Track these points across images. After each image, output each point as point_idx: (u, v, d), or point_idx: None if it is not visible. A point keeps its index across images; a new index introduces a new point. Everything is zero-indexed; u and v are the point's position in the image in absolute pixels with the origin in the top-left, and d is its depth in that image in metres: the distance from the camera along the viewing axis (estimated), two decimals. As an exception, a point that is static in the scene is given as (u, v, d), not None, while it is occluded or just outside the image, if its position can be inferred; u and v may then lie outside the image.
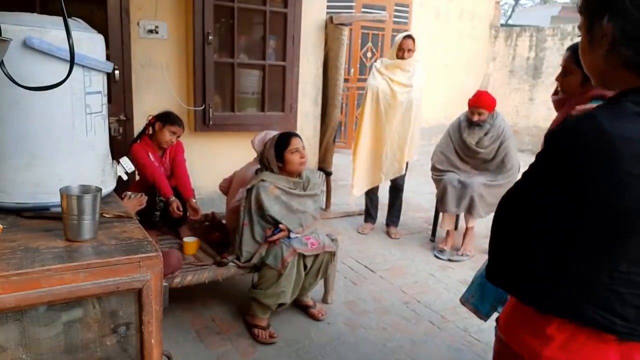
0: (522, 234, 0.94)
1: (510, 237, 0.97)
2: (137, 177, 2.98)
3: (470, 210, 3.59)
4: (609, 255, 0.87)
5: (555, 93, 2.05)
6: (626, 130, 0.82)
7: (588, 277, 0.89)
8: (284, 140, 2.58)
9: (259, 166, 2.73)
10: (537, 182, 0.93)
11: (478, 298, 1.98)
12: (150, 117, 2.91)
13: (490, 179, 3.61)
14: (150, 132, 2.89)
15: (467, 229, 3.76)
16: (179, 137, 2.93)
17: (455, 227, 4.03)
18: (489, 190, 3.57)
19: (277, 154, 2.57)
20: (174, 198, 2.79)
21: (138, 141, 2.89)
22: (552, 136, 0.90)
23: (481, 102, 3.51)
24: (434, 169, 3.86)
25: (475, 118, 3.55)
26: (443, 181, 3.68)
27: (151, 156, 2.85)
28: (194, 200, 2.93)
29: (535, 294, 0.95)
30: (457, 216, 3.94)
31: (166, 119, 2.88)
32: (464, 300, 2.08)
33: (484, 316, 1.97)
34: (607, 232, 0.86)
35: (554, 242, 0.89)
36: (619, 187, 0.82)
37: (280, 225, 2.52)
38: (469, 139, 3.62)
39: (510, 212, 0.97)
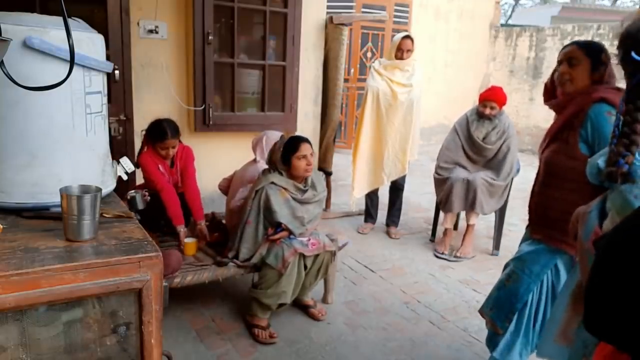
0: None
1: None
2: (142, 180, 2.91)
3: (473, 206, 3.57)
4: None
5: (547, 97, 1.92)
6: None
7: None
8: (293, 145, 2.52)
9: (264, 165, 2.72)
10: None
11: (495, 312, 2.02)
12: (143, 132, 2.75)
13: (491, 177, 3.60)
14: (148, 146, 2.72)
15: (467, 227, 3.74)
16: (177, 143, 2.71)
17: (455, 227, 4.03)
18: (489, 189, 3.56)
19: (284, 157, 2.53)
20: (184, 229, 2.69)
21: (144, 149, 2.76)
22: None
23: (495, 96, 3.56)
24: (439, 167, 3.79)
25: (487, 111, 3.57)
26: (450, 180, 3.62)
27: (161, 168, 2.71)
28: (204, 223, 2.80)
29: None
30: (458, 214, 3.93)
31: (154, 136, 2.65)
32: (482, 311, 2.14)
33: (499, 329, 1.99)
34: None
35: None
36: None
37: (283, 225, 2.51)
38: (477, 133, 3.62)
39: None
